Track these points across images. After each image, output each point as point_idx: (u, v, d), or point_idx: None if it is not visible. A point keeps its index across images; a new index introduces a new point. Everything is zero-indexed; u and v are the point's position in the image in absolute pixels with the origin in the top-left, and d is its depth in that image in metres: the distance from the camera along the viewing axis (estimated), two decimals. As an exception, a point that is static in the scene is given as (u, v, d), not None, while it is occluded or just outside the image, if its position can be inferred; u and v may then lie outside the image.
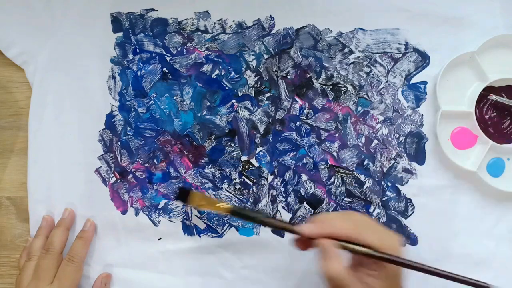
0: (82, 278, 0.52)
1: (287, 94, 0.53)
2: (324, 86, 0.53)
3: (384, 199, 0.52)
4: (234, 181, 0.53)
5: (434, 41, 0.52)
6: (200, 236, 0.53)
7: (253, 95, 0.53)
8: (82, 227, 0.53)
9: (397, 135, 0.52)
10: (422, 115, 0.52)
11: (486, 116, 0.51)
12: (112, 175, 0.54)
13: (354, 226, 0.40)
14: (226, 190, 0.53)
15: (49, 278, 0.49)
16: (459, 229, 0.51)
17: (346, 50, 0.52)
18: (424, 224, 0.51)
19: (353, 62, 0.52)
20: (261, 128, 0.53)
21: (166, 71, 0.54)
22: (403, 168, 0.52)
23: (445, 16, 0.52)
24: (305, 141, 0.52)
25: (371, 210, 0.52)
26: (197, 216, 0.53)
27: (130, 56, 0.54)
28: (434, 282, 0.52)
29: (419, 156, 0.52)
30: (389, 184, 0.52)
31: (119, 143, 0.54)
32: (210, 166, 0.53)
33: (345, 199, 0.52)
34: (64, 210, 0.53)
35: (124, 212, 0.53)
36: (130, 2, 0.54)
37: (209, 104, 0.53)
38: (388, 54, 0.52)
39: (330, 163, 0.52)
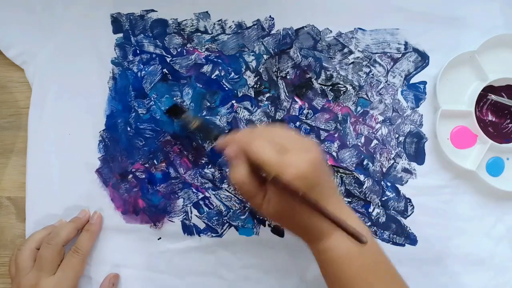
0: (83, 278, 0.52)
1: (287, 94, 0.53)
2: (323, 86, 0.53)
3: (383, 199, 0.52)
4: (234, 181, 0.53)
5: (434, 41, 0.52)
6: (200, 236, 0.53)
7: (253, 96, 0.53)
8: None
9: (397, 135, 0.52)
10: (422, 115, 0.52)
11: (486, 116, 0.51)
12: (112, 175, 0.54)
13: (249, 137, 0.38)
14: (226, 190, 0.53)
15: (51, 269, 0.49)
16: (458, 228, 0.51)
17: (345, 50, 0.52)
18: (423, 224, 0.51)
19: (352, 62, 0.52)
20: (261, 128, 0.53)
21: (166, 72, 0.54)
22: (403, 168, 0.52)
23: (445, 16, 0.52)
24: (304, 141, 0.52)
25: (370, 210, 0.52)
26: (197, 216, 0.53)
27: (130, 57, 0.54)
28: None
29: (418, 156, 0.52)
30: (389, 184, 0.52)
31: (119, 143, 0.54)
32: (210, 166, 0.53)
33: (345, 199, 0.52)
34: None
35: (124, 212, 0.53)
36: (130, 3, 0.54)
37: (209, 104, 0.53)
38: (388, 54, 0.52)
39: (329, 163, 0.52)
